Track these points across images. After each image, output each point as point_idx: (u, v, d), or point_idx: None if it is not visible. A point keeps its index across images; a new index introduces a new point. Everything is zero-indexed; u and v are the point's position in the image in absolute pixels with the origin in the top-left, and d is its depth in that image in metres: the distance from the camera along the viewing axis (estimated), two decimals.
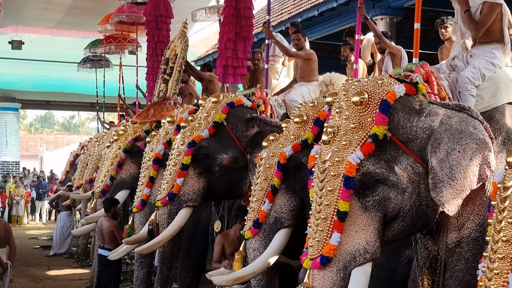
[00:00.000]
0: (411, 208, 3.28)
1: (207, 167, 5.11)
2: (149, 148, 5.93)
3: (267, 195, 4.27)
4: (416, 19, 4.01)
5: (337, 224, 3.18)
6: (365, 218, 3.23)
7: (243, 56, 6.78)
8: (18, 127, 22.51)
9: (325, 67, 12.21)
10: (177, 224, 5.06)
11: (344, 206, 3.17)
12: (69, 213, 11.28)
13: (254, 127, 5.14)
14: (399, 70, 3.70)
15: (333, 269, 3.20)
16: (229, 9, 6.75)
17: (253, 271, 4.12)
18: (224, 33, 6.81)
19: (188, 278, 6.45)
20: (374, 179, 3.23)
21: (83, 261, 10.22)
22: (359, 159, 3.20)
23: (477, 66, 3.91)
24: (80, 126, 42.45)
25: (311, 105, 4.41)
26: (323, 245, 3.21)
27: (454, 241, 3.53)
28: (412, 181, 3.27)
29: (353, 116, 3.31)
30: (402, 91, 3.35)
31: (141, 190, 5.84)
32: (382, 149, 3.26)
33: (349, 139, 3.27)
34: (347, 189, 3.18)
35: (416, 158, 3.28)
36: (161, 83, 7.73)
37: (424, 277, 3.65)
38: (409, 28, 11.42)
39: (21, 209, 16.41)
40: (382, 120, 3.24)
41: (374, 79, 3.45)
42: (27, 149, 30.46)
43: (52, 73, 19.08)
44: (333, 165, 3.26)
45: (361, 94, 3.30)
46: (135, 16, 10.14)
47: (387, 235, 3.35)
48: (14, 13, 12.37)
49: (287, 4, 13.36)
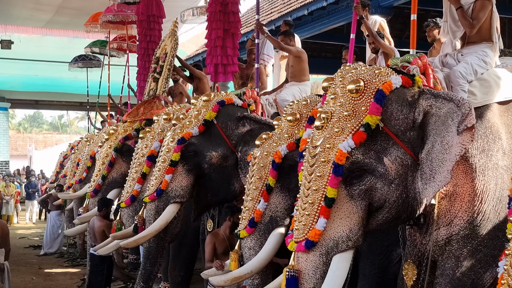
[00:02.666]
0: (397, 200, 3.29)
1: (196, 164, 5.13)
2: (143, 144, 5.92)
3: (262, 194, 4.29)
4: (413, 10, 3.94)
5: (324, 209, 3.21)
6: (350, 206, 3.24)
7: (232, 53, 6.74)
8: (7, 127, 22.43)
9: (315, 66, 12.31)
10: (163, 220, 5.10)
11: (332, 192, 3.19)
12: (59, 212, 11.25)
13: (245, 126, 5.16)
14: (396, 61, 3.67)
15: (316, 253, 3.23)
16: (215, 4, 6.65)
17: (250, 271, 4.13)
18: (212, 30, 6.72)
19: (179, 277, 6.47)
20: (362, 169, 3.24)
21: (74, 260, 10.22)
22: (350, 147, 3.20)
23: (470, 62, 3.90)
24: (69, 126, 42.24)
25: (304, 103, 4.40)
26: (309, 229, 3.24)
27: (443, 238, 3.54)
28: (400, 173, 3.27)
29: (347, 103, 3.29)
30: (399, 83, 3.33)
31: (131, 186, 5.85)
32: (373, 139, 3.25)
33: (341, 126, 3.26)
34: (336, 176, 3.19)
35: (407, 150, 3.27)
36: (151, 81, 7.76)
37: (409, 267, 3.66)
38: (398, 27, 11.54)
39: (10, 209, 16.34)
40: (376, 110, 3.22)
41: (371, 68, 3.43)
42: (16, 148, 30.34)
43: (41, 72, 19.02)
44: (324, 151, 3.27)
45: (357, 82, 3.28)
46: (122, 15, 10.13)
47: (372, 224, 3.36)
48: (4, 13, 12.34)
49: (277, 3, 13.39)
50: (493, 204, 3.56)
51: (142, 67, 8.56)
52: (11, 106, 22.58)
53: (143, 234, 5.09)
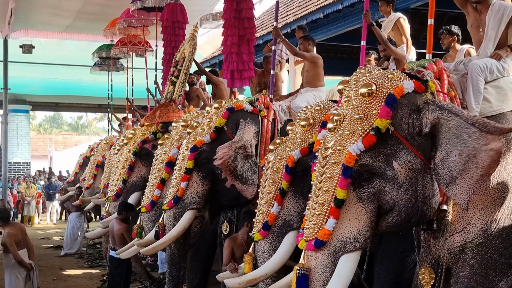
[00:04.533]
0: (406, 204, 3.32)
1: (210, 171, 5.23)
2: (162, 150, 6.04)
3: (275, 198, 4.34)
4: (430, 15, 3.90)
5: (334, 210, 3.27)
6: (359, 208, 3.29)
7: (248, 58, 6.81)
8: (28, 129, 22.75)
9: (331, 68, 12.33)
10: (181, 227, 5.21)
11: (341, 193, 3.25)
12: (79, 213, 11.42)
13: None
14: (413, 65, 3.69)
15: (325, 252, 3.29)
16: (230, 11, 6.72)
17: (264, 273, 4.19)
18: (227, 36, 6.80)
19: (196, 279, 6.57)
20: (371, 172, 3.28)
21: (93, 261, 10.39)
22: (359, 150, 3.25)
23: (489, 61, 3.90)
24: (88, 127, 42.68)
25: (317, 108, 4.45)
26: (319, 229, 3.30)
27: (458, 245, 3.55)
28: (409, 178, 3.30)
29: (359, 106, 3.34)
30: (411, 88, 3.36)
31: (151, 191, 5.97)
32: (383, 142, 3.28)
33: (352, 129, 3.31)
34: (345, 178, 3.25)
35: (417, 154, 3.30)
36: (169, 85, 7.87)
37: (426, 271, 3.66)
38: (415, 28, 11.51)
39: (32, 209, 16.63)
40: (386, 114, 3.26)
41: (385, 72, 3.46)
42: (37, 149, 30.73)
43: (61, 75, 19.29)
44: (335, 153, 3.32)
45: (369, 86, 3.32)
46: (144, 20, 10.26)
47: (382, 226, 3.40)
48: (25, 18, 12.55)
49: (292, 6, 13.42)
50: (507, 212, 3.57)
51: (166, 73, 8.66)
52: (32, 108, 22.96)
53: (161, 241, 5.22)
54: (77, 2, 11.30)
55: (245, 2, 6.71)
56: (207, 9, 10.63)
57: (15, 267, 6.77)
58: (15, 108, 20.11)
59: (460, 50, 5.44)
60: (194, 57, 7.87)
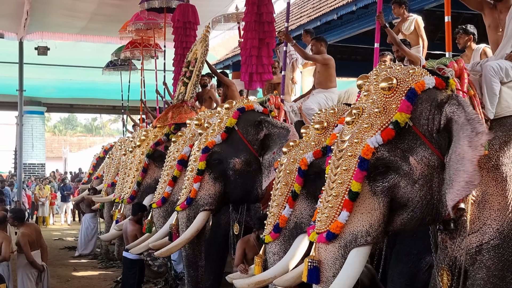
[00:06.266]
0: (421, 200, 3.29)
1: (221, 171, 5.24)
2: (174, 148, 6.08)
3: (287, 200, 4.34)
4: (446, 12, 3.87)
5: (347, 203, 3.26)
6: (372, 202, 3.28)
7: (267, 61, 6.88)
8: (43, 131, 22.91)
9: (345, 69, 12.27)
10: (194, 228, 5.22)
11: (356, 186, 3.24)
12: (93, 214, 11.51)
13: (263, 130, 5.25)
14: (433, 63, 3.68)
15: (335, 245, 3.28)
16: (251, 15, 6.81)
17: (273, 275, 4.18)
18: (247, 39, 6.88)
19: (209, 281, 6.55)
20: (387, 166, 3.26)
21: (107, 262, 10.44)
22: (377, 143, 3.24)
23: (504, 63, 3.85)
24: (102, 128, 42.96)
25: (331, 111, 4.46)
26: (331, 221, 3.29)
27: (474, 247, 3.51)
28: (425, 174, 3.28)
29: (379, 100, 3.34)
30: (432, 83, 3.35)
31: (162, 188, 6.00)
32: (401, 137, 3.27)
33: (371, 122, 3.30)
34: (361, 171, 3.24)
35: (435, 150, 3.28)
36: (181, 86, 7.90)
37: (444, 273, 3.63)
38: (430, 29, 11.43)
39: (46, 210, 16.76)
40: (406, 108, 3.25)
41: (406, 68, 3.46)
42: (51, 150, 31.00)
43: (76, 77, 19.44)
44: (352, 146, 3.32)
45: (389, 80, 3.32)
46: (152, 23, 10.32)
47: (396, 224, 3.37)
48: (40, 21, 12.64)
49: (306, 8, 13.40)
50: None
51: (178, 73, 8.71)
52: (47, 110, 23.15)
53: (175, 243, 5.24)
54: (92, 4, 11.36)
55: (266, 6, 6.79)
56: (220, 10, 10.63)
57: (27, 268, 6.82)
58: (30, 110, 20.30)
59: (476, 50, 5.40)
60: (206, 58, 7.90)
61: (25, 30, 13.18)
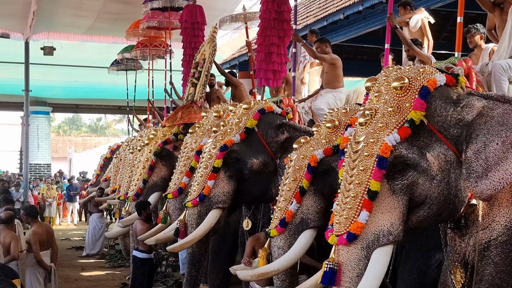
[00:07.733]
0: (439, 196, 3.32)
1: (237, 170, 5.24)
2: (192, 139, 6.05)
3: (295, 195, 4.38)
4: (459, 12, 3.91)
5: (367, 202, 3.25)
6: (392, 201, 3.28)
7: (284, 60, 6.91)
8: (49, 131, 22.95)
9: (351, 68, 12.26)
10: (207, 225, 5.21)
11: (375, 185, 3.24)
12: (101, 214, 11.55)
13: (284, 133, 5.26)
14: (441, 63, 3.70)
15: (358, 246, 3.27)
16: (270, 12, 6.78)
17: (276, 268, 4.24)
18: (265, 36, 6.83)
19: (218, 279, 6.59)
20: (405, 163, 3.28)
21: (115, 262, 10.48)
22: (395, 141, 3.26)
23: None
24: (107, 128, 43.03)
25: (343, 111, 4.50)
26: (351, 222, 3.28)
27: (482, 243, 3.51)
28: (443, 169, 3.31)
29: (392, 100, 3.36)
30: (443, 81, 3.39)
31: (178, 178, 5.98)
32: (416, 135, 3.30)
33: (385, 122, 3.32)
34: (379, 169, 3.24)
35: (450, 146, 3.31)
36: (190, 86, 7.93)
37: (457, 270, 3.64)
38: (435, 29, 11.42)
39: (53, 211, 16.81)
40: (421, 106, 3.28)
41: (415, 67, 3.50)
42: (56, 151, 31.04)
43: (81, 77, 19.45)
44: (368, 146, 3.32)
45: (401, 80, 3.35)
46: (166, 21, 10.35)
47: (412, 220, 3.38)
48: (46, 21, 12.65)
49: (312, 8, 13.40)
50: None
51: (187, 74, 8.73)
52: (53, 110, 23.19)
53: (188, 239, 5.22)
54: (98, 1, 11.35)
55: (285, 4, 6.81)
56: (226, 9, 10.66)
57: (34, 267, 6.83)
58: (36, 110, 20.32)
59: (485, 49, 5.41)
60: (214, 58, 7.93)
61: (31, 30, 13.21)
